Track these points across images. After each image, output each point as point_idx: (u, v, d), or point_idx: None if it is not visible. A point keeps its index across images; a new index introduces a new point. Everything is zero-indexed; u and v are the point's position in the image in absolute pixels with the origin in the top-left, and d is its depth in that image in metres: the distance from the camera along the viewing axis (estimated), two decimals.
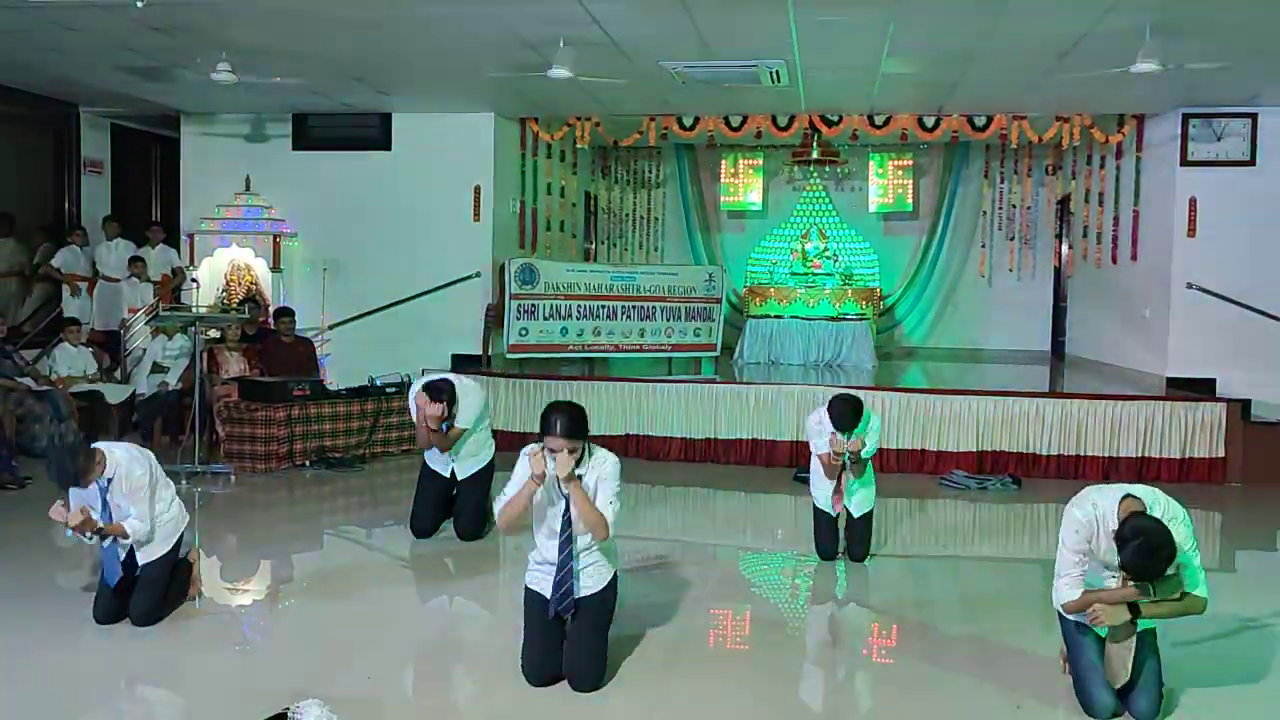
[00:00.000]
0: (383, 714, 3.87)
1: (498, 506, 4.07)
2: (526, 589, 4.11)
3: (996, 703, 3.97)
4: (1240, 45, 7.40)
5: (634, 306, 10.78)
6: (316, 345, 10.17)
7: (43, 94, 10.62)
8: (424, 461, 6.39)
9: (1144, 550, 3.50)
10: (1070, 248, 13.09)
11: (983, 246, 14.12)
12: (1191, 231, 9.86)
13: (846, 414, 5.59)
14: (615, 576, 4.15)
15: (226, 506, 7.33)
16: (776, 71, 8.71)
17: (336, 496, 7.83)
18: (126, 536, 4.63)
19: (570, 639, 4.04)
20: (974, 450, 8.74)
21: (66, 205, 11.39)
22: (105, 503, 4.59)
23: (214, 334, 9.69)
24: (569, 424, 3.90)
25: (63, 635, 4.56)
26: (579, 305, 10.57)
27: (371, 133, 11.02)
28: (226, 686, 4.05)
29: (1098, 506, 3.77)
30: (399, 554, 6.27)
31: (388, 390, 9.15)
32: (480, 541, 6.28)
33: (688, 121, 11.01)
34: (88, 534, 4.58)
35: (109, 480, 4.57)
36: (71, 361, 9.31)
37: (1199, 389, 9.37)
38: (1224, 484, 8.51)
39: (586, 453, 4.03)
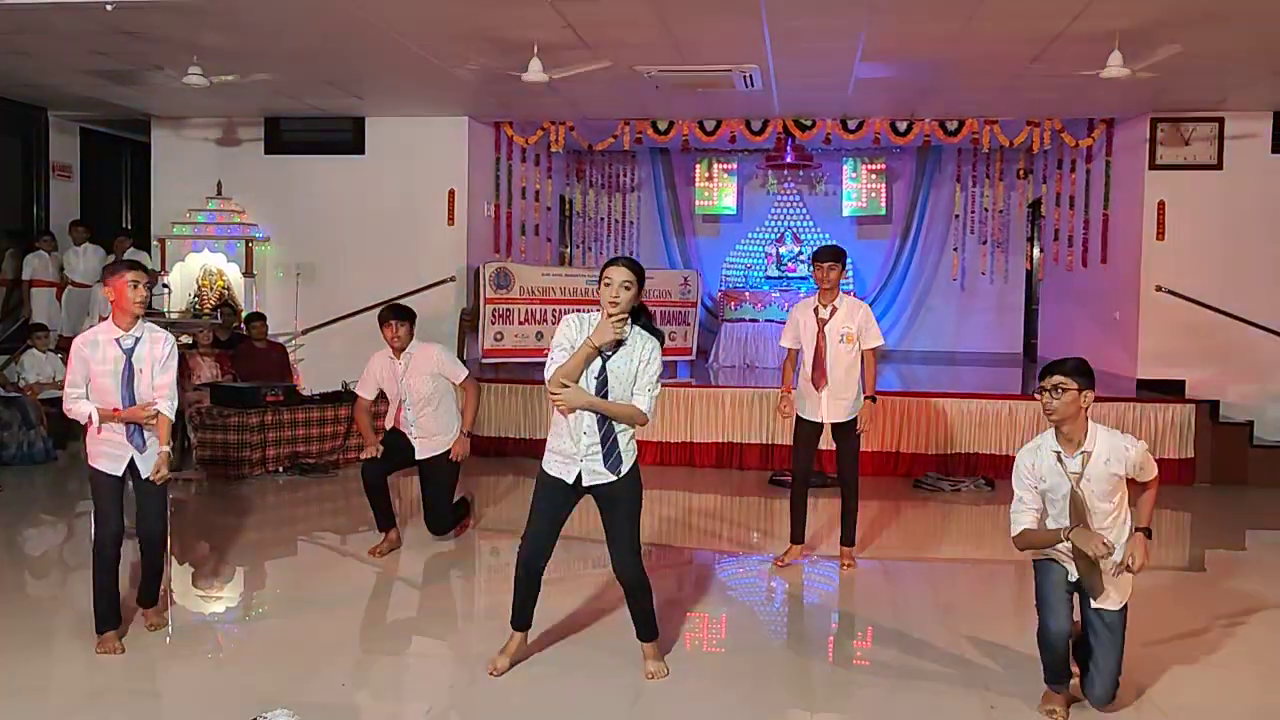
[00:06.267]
0: None
1: (549, 371, 3.96)
2: (543, 472, 4.12)
3: (970, 703, 4.00)
4: (1207, 50, 7.49)
5: None
6: (289, 350, 10.10)
7: (11, 98, 10.51)
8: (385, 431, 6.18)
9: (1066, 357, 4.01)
10: (1041, 251, 13.21)
11: (955, 250, 14.24)
12: (1160, 235, 9.96)
13: (828, 247, 5.79)
14: (636, 464, 4.24)
15: (199, 513, 7.28)
16: (750, 76, 8.74)
17: (310, 503, 7.78)
18: (159, 416, 4.48)
19: (610, 534, 4.17)
20: (947, 452, 8.81)
21: (35, 210, 11.27)
22: (130, 365, 4.47)
23: (186, 339, 9.62)
24: (629, 263, 4.07)
25: (33, 644, 4.51)
26: (554, 309, 10.55)
27: (345, 136, 10.96)
28: (199, 695, 4.02)
29: (1040, 438, 4.06)
30: (373, 560, 6.24)
31: None
32: (456, 549, 6.26)
33: (662, 126, 11.03)
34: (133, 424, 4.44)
35: (136, 340, 4.49)
36: (40, 368, 9.22)
37: (1168, 390, 9.47)
38: (1193, 484, 8.61)
39: (631, 324, 4.06)
